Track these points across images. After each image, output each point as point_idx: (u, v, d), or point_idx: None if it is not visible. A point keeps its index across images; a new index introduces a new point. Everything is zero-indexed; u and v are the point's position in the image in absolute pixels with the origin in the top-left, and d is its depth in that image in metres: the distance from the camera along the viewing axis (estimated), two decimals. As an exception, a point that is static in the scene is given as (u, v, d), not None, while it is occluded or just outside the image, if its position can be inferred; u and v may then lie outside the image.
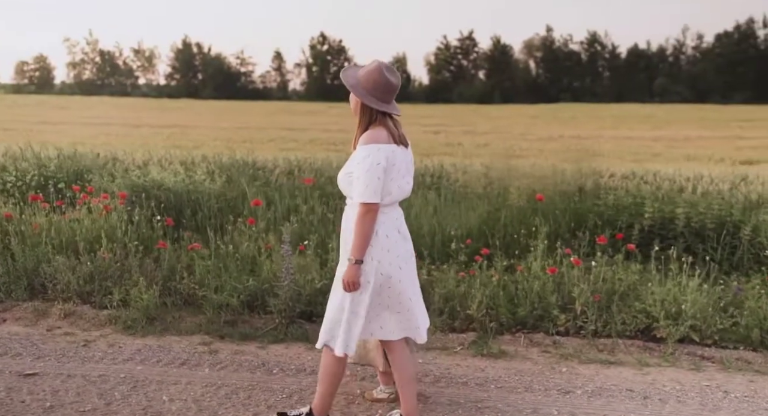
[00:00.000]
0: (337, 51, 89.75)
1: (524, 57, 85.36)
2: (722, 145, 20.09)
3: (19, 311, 5.28)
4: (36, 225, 6.04)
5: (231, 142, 17.22)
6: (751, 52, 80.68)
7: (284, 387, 4.02)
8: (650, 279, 5.03)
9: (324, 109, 42.75)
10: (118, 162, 9.12)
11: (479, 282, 5.02)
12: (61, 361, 4.38)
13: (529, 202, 6.09)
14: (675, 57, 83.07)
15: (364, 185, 3.10)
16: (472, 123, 29.12)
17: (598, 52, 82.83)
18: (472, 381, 4.11)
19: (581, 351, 4.59)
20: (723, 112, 39.52)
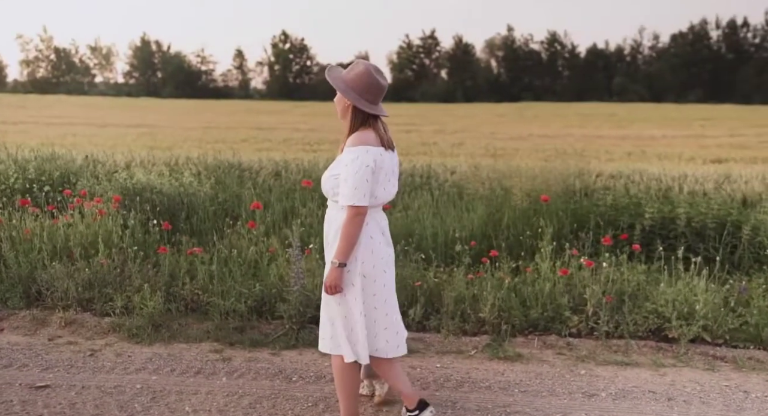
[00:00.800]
0: (299, 49, 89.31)
1: (486, 56, 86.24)
2: (687, 144, 20.49)
3: (17, 320, 5.11)
4: (27, 231, 5.86)
5: (203, 143, 17.00)
6: (704, 52, 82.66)
7: (308, 396, 3.95)
8: (657, 280, 5.08)
9: (289, 109, 42.53)
10: (99, 164, 8.91)
11: (490, 284, 5.01)
12: (71, 372, 4.25)
13: (530, 203, 6.10)
14: (632, 57, 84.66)
15: (353, 187, 3.04)
16: (440, 122, 29.22)
17: (558, 52, 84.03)
18: (495, 386, 4.10)
19: (595, 352, 4.62)
20: (682, 111, 40.37)
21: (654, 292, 4.91)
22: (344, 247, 3.12)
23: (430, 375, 4.26)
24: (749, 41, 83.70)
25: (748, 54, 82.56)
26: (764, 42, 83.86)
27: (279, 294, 5.14)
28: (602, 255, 5.40)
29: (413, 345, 4.73)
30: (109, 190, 7.01)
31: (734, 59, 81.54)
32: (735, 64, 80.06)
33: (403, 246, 5.72)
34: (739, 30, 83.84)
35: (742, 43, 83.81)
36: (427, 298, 5.13)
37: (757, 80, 76.40)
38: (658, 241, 5.63)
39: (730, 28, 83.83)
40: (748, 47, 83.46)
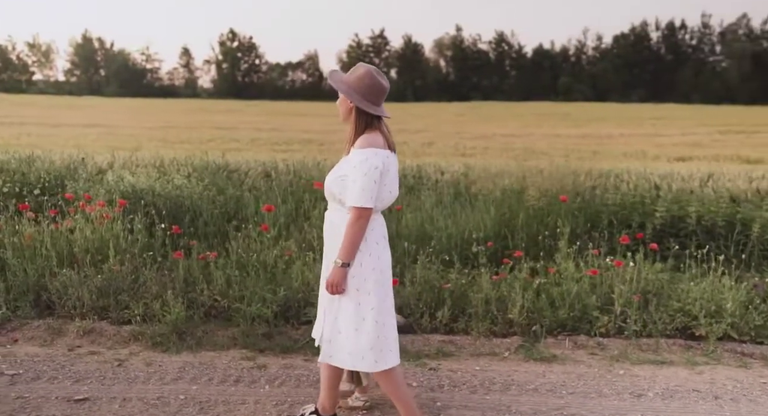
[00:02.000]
0: (247, 48, 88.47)
1: (435, 56, 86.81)
2: (644, 143, 21.03)
3: (31, 330, 4.89)
4: (29, 237, 5.62)
5: (168, 143, 16.66)
6: (645, 53, 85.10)
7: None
8: (679, 278, 5.18)
9: (242, 108, 42.05)
10: (81, 166, 8.61)
11: (519, 285, 5.03)
12: (105, 384, 4.09)
13: (544, 203, 6.14)
14: (577, 57, 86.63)
15: (361, 189, 3.05)
16: (401, 121, 29.23)
17: (506, 52, 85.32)
18: (541, 388, 4.11)
19: (627, 352, 4.67)
20: (631, 110, 41.36)
21: (678, 291, 5.00)
22: (349, 248, 3.12)
23: (472, 378, 4.25)
24: (687, 43, 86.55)
25: (686, 55, 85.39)
26: (701, 43, 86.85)
27: (305, 298, 5.06)
28: (617, 255, 5.48)
29: (445, 348, 4.73)
30: (102, 193, 6.78)
31: (673, 60, 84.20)
32: (674, 65, 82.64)
33: (418, 246, 5.70)
34: (678, 32, 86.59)
35: (680, 44, 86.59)
36: (453, 300, 5.11)
37: (695, 81, 79.09)
38: (670, 240, 5.74)
39: (669, 30, 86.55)
40: (686, 48, 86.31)
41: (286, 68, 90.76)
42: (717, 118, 33.36)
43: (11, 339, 4.79)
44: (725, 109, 46.36)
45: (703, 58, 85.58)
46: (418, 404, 3.83)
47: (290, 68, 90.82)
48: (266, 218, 6.29)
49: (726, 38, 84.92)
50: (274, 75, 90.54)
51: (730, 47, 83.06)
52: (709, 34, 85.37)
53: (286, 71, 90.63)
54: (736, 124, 28.88)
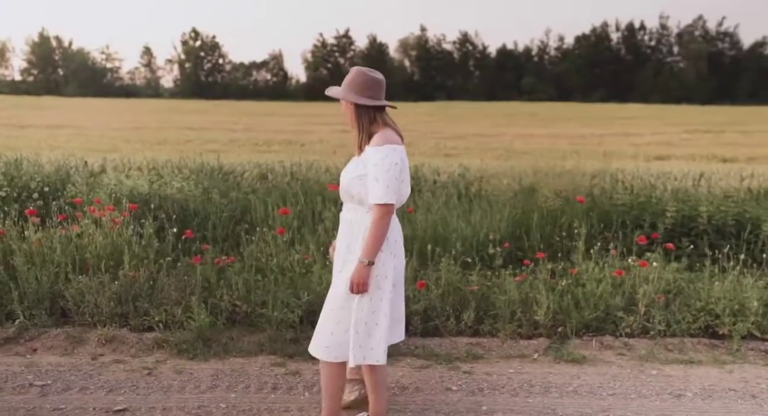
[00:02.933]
0: (210, 47, 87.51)
1: (400, 56, 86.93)
2: (618, 142, 21.37)
3: (49, 339, 4.75)
4: (38, 243, 5.47)
5: (146, 144, 16.38)
6: (606, 54, 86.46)
7: (405, 406, 3.87)
8: (698, 278, 5.26)
9: (209, 108, 41.59)
10: (71, 168, 8.41)
11: (543, 287, 5.05)
12: (140, 393, 3.99)
13: (557, 203, 6.18)
14: (540, 57, 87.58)
15: (384, 186, 3.07)
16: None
17: (470, 52, 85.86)
18: (580, 390, 4.13)
19: (653, 352, 4.72)
20: (598, 110, 41.95)
21: (698, 290, 5.07)
22: (374, 246, 3.12)
23: (509, 380, 4.25)
24: (646, 43, 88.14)
25: (646, 55, 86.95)
26: (659, 44, 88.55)
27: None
28: (632, 255, 5.54)
29: (473, 350, 4.73)
30: (103, 196, 6.63)
31: (633, 60, 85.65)
32: (634, 65, 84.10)
33: (435, 248, 5.70)
34: (637, 33, 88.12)
35: (639, 45, 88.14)
36: (478, 302, 5.11)
37: (654, 81, 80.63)
38: (681, 239, 5.82)
39: (629, 31, 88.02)
40: (645, 49, 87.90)
41: (250, 68, 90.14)
42: (681, 118, 34.05)
43: (30, 348, 4.65)
44: (688, 108, 47.37)
45: (661, 58, 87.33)
46: (463, 408, 3.85)
47: (254, 68, 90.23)
48: (277, 221, 6.23)
49: (683, 39, 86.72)
50: (238, 75, 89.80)
51: (687, 48, 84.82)
52: (667, 36, 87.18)
53: (250, 71, 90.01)
54: (701, 124, 29.52)
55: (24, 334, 4.78)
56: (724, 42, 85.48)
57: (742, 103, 65.19)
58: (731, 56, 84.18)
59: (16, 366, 4.36)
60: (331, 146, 17.00)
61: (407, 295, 5.04)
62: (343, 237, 3.32)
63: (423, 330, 4.96)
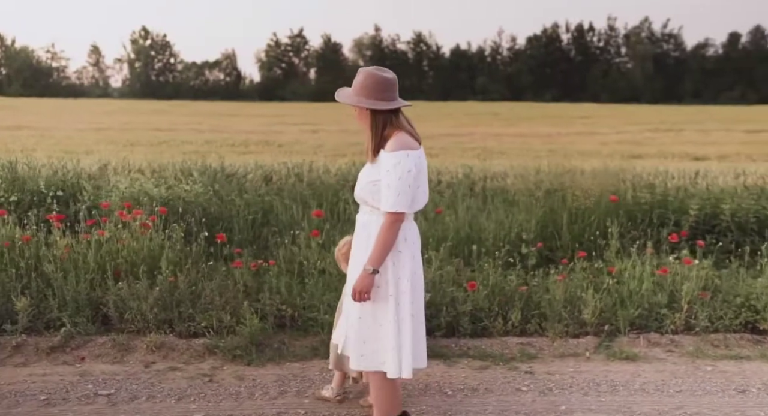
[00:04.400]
0: (161, 46, 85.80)
1: (354, 56, 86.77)
2: (586, 141, 21.77)
3: (96, 347, 4.62)
4: (68, 249, 5.31)
5: (119, 145, 16.03)
6: (557, 54, 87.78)
7: (484, 407, 3.88)
8: (732, 274, 5.41)
9: (169, 108, 40.86)
10: (68, 172, 8.17)
11: (588, 285, 5.12)
12: (211, 401, 3.92)
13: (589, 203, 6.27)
14: (493, 57, 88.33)
15: (396, 193, 3.01)
16: (337, 121, 29.06)
17: (424, 52, 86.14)
18: (647, 387, 4.19)
19: (700, 348, 4.81)
20: (558, 109, 42.57)
21: (736, 286, 5.22)
22: (380, 254, 3.07)
23: (574, 380, 4.29)
24: (595, 44, 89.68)
25: (595, 56, 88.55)
26: (607, 45, 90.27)
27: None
28: (662, 253, 5.66)
29: (526, 350, 4.77)
30: (116, 200, 6.48)
31: (582, 61, 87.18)
32: (583, 65, 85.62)
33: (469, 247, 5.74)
34: (586, 34, 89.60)
35: (588, 46, 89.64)
36: (524, 302, 5.15)
37: (603, 81, 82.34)
38: (705, 236, 5.98)
39: (578, 32, 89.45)
40: (594, 50, 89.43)
41: (202, 67, 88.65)
42: (638, 117, 34.81)
43: (78, 357, 4.52)
44: (639, 108, 48.49)
45: (609, 59, 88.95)
46: (541, 409, 3.88)
47: (207, 67, 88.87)
48: (306, 224, 6.19)
49: (630, 40, 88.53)
50: (190, 74, 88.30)
51: (634, 49, 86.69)
52: (615, 37, 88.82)
53: (202, 70, 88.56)
54: (659, 123, 30.23)
55: (70, 343, 4.63)
56: (668, 43, 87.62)
57: (687, 103, 67.25)
58: (675, 57, 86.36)
59: (70, 376, 4.24)
60: (310, 147, 16.92)
61: (455, 296, 5.08)
62: (360, 239, 3.27)
63: (472, 331, 4.97)
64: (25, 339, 4.62)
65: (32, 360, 4.46)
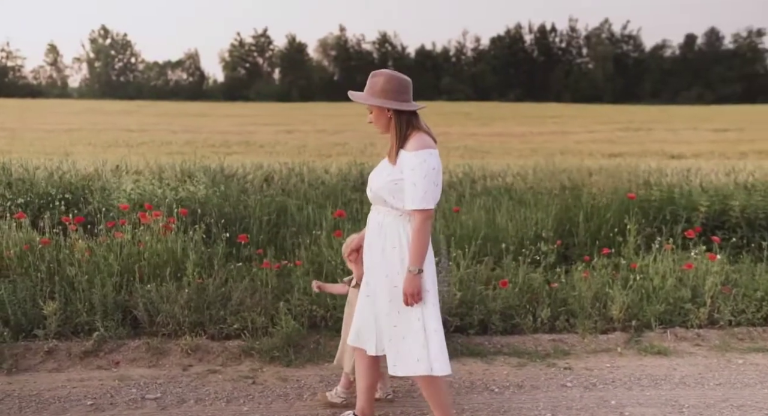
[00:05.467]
0: (121, 45, 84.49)
1: (319, 56, 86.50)
2: (560, 140, 22.04)
3: (129, 351, 4.54)
4: (89, 252, 5.21)
5: (98, 147, 15.74)
6: (520, 55, 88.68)
7: (535, 403, 3.92)
8: (748, 269, 5.54)
9: (135, 108, 40.23)
10: (64, 173, 8.00)
11: (613, 282, 5.20)
12: (262, 403, 3.89)
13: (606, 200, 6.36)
14: (457, 58, 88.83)
15: (423, 191, 3.04)
16: (309, 122, 28.99)
17: (389, 52, 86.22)
18: (687, 380, 4.27)
19: (726, 341, 4.93)
20: (528, 109, 42.96)
21: (754, 280, 5.35)
22: (419, 253, 3.11)
23: (613, 375, 4.36)
24: (557, 45, 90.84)
25: (557, 57, 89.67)
26: (569, 46, 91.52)
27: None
28: (678, 248, 5.77)
29: (559, 347, 4.82)
30: (125, 201, 6.38)
31: (545, 61, 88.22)
32: (546, 66, 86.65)
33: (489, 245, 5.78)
34: (548, 34, 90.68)
35: (551, 46, 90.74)
36: (552, 299, 5.21)
37: (565, 81, 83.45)
38: (716, 232, 6.12)
39: (541, 33, 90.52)
40: (556, 50, 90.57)
41: (164, 67, 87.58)
42: (605, 116, 35.39)
43: (112, 362, 4.43)
44: (604, 107, 49.27)
45: (571, 59, 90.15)
46: (593, 404, 3.93)
47: (169, 67, 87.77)
48: (325, 224, 6.16)
49: (591, 41, 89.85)
50: (152, 74, 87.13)
51: (595, 50, 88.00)
52: (577, 38, 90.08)
53: (165, 70, 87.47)
54: (628, 122, 30.72)
55: (103, 347, 4.54)
56: (628, 44, 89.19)
57: (646, 103, 68.56)
58: (635, 58, 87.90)
59: (110, 380, 4.16)
60: (293, 147, 16.82)
61: (486, 294, 5.11)
62: (375, 238, 3.27)
63: (503, 329, 5.01)
64: (57, 344, 4.51)
65: (65, 366, 4.37)
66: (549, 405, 3.92)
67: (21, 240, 5.27)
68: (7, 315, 4.60)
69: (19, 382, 4.11)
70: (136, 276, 5.08)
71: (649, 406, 3.91)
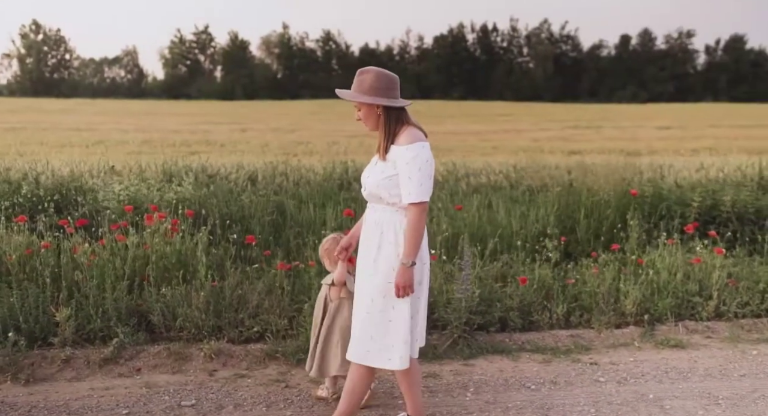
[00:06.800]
0: (55, 41, 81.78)
1: (262, 53, 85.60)
2: (511, 138, 22.34)
3: (149, 357, 4.39)
4: (93, 256, 5.01)
5: (53, 147, 15.20)
6: (463, 54, 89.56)
7: (575, 400, 3.95)
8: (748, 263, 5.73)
9: (75, 107, 39.00)
10: (41, 174, 7.69)
11: (632, 277, 5.30)
12: (302, 407, 3.82)
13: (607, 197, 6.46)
14: (401, 56, 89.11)
15: (419, 184, 3.05)
16: (260, 120, 28.63)
17: (333, 51, 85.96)
18: (713, 373, 4.37)
19: (735, 333, 5.06)
20: (475, 108, 43.41)
21: (754, 273, 5.52)
22: (415, 245, 3.09)
23: (640, 368, 4.43)
24: (498, 44, 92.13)
25: (498, 56, 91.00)
26: (510, 46, 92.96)
27: (429, 302, 4.97)
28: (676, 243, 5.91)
29: (578, 342, 4.88)
30: (115, 204, 6.18)
31: (487, 60, 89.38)
32: (488, 65, 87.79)
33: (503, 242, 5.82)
34: (490, 34, 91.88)
35: (492, 46, 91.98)
36: (566, 295, 5.26)
37: (507, 80, 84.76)
38: (708, 227, 6.29)
39: (483, 32, 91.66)
40: (498, 50, 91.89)
41: (101, 64, 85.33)
42: (552, 115, 36.08)
43: (133, 369, 4.27)
44: (547, 106, 50.25)
45: (512, 59, 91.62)
46: (632, 398, 3.98)
47: (106, 64, 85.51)
48: (328, 223, 6.08)
49: (531, 41, 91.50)
50: (89, 71, 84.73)
51: (535, 49, 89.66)
52: (517, 37, 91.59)
53: (101, 67, 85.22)
54: (574, 120, 31.38)
55: (123, 354, 4.37)
56: (566, 44, 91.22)
57: (584, 101, 70.29)
58: (573, 57, 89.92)
59: (136, 388, 4.02)
60: (255, 146, 16.56)
61: (504, 292, 5.13)
62: (372, 236, 3.24)
63: (521, 326, 5.03)
64: (73, 352, 4.32)
65: (84, 374, 4.20)
66: (589, 400, 3.95)
67: (21, 245, 5.02)
68: (17, 322, 4.38)
69: (40, 392, 3.93)
70: (145, 279, 4.91)
71: (686, 399, 3.98)
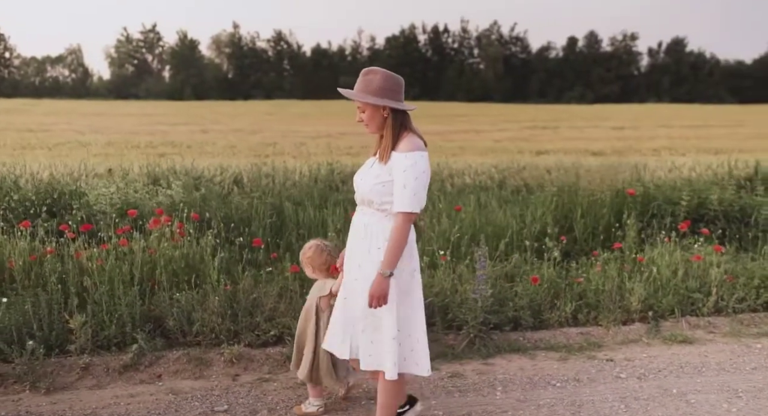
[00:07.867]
0: (-7, 39, 78.92)
1: (212, 53, 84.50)
2: (483, 138, 22.57)
3: (169, 363, 4.31)
4: (100, 261, 4.89)
5: (7, 149, 14.73)
6: (415, 54, 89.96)
7: (604, 397, 4.02)
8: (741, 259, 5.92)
9: (22, 107, 37.86)
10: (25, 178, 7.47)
11: (637, 275, 5.42)
12: (339, 409, 3.80)
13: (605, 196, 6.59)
14: (353, 57, 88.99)
15: (412, 193, 2.97)
16: (221, 121, 28.26)
17: (284, 51, 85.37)
18: (726, 368, 4.49)
19: (735, 328, 5.22)
20: (429, 108, 43.51)
21: (748, 269, 5.72)
22: (395, 256, 3.00)
23: (654, 364, 4.53)
24: (450, 45, 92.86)
25: (450, 57, 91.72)
26: (461, 47, 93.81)
27: (444, 303, 5.01)
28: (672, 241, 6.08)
29: (588, 340, 4.97)
30: (108, 208, 6.05)
31: (439, 61, 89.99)
32: (440, 66, 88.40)
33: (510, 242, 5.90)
34: (441, 35, 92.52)
35: (444, 47, 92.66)
36: (571, 294, 5.35)
37: (458, 80, 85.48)
38: (698, 225, 6.49)
39: (434, 34, 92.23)
40: (449, 51, 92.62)
41: (44, 63, 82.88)
42: (510, 115, 36.58)
43: (154, 375, 4.19)
44: (500, 106, 50.89)
45: (463, 60, 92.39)
46: (657, 393, 4.07)
47: (49, 63, 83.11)
48: (331, 224, 6.06)
49: (482, 43, 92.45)
50: (30, 70, 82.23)
51: (486, 51, 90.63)
52: (468, 39, 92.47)
53: (44, 66, 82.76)
54: (529, 121, 31.85)
55: (141, 360, 4.28)
56: (516, 46, 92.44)
57: (533, 102, 71.42)
58: (522, 59, 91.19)
59: (162, 394, 3.97)
60: (221, 148, 16.33)
61: (515, 291, 5.20)
62: (360, 240, 3.17)
63: (532, 324, 5.10)
64: (91, 359, 4.21)
65: (105, 381, 4.12)
66: (617, 396, 4.03)
67: (24, 251, 4.87)
68: (31, 330, 4.25)
69: (63, 401, 3.84)
70: (154, 284, 4.82)
71: (708, 392, 4.09)
